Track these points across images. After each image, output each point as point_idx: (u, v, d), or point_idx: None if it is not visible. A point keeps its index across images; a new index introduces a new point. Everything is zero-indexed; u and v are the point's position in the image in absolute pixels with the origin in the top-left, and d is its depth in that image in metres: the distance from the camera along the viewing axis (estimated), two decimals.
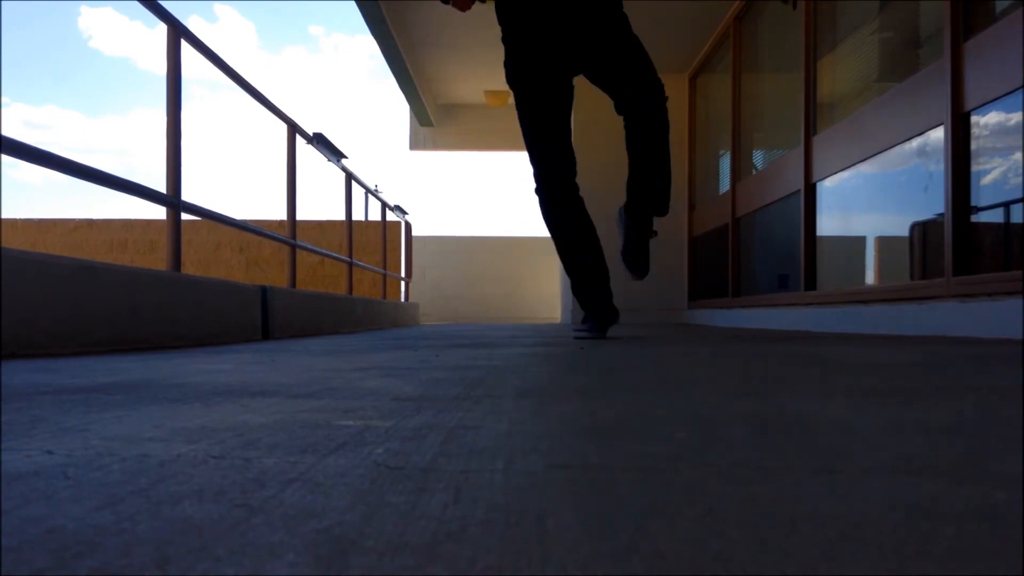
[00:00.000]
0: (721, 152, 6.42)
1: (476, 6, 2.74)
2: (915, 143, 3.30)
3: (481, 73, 8.66)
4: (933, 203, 3.14)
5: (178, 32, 2.83)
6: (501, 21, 2.78)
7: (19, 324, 1.80)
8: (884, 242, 3.86)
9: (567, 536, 0.35)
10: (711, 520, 0.37)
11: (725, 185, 6.20)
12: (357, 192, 10.20)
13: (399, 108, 18.83)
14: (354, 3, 6.19)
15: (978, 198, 2.89)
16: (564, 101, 2.82)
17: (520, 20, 2.74)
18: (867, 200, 3.89)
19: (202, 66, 5.05)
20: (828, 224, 4.34)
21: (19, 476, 0.48)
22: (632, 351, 2.02)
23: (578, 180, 2.89)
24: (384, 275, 7.67)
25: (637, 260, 2.92)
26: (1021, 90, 2.59)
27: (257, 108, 3.88)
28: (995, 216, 2.84)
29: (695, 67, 6.95)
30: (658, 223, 3.02)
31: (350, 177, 5.82)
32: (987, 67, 2.78)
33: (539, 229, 14.02)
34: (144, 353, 2.04)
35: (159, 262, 8.58)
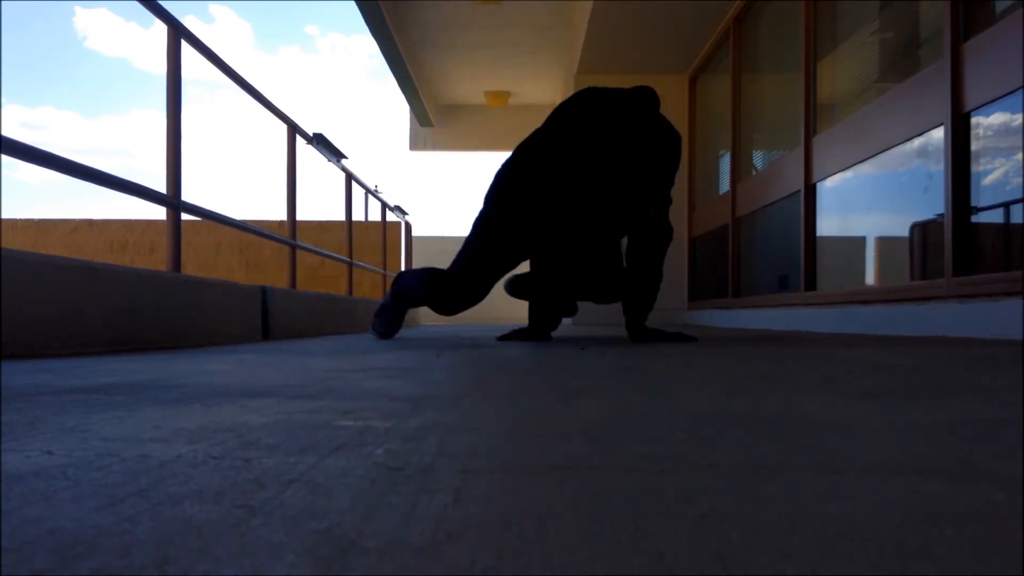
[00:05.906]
0: (721, 152, 6.42)
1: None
2: (915, 143, 3.30)
3: (481, 73, 8.66)
4: (933, 203, 3.14)
5: (178, 33, 2.83)
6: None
7: (19, 324, 1.80)
8: (884, 243, 3.86)
9: (567, 536, 0.35)
10: (711, 520, 0.37)
11: (725, 185, 6.20)
12: (357, 192, 10.20)
13: (399, 108, 18.83)
14: (353, 3, 6.20)
15: (978, 199, 2.89)
16: None
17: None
18: (867, 201, 3.89)
19: (200, 66, 5.04)
20: (828, 224, 4.34)
21: (19, 477, 0.48)
22: (632, 352, 2.02)
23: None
24: (384, 276, 7.67)
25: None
26: (1021, 90, 2.59)
27: (257, 109, 3.88)
28: (995, 217, 2.84)
29: (695, 67, 6.95)
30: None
31: (350, 177, 5.82)
32: (987, 67, 2.78)
33: None
34: (144, 353, 2.04)
35: (159, 263, 8.58)
